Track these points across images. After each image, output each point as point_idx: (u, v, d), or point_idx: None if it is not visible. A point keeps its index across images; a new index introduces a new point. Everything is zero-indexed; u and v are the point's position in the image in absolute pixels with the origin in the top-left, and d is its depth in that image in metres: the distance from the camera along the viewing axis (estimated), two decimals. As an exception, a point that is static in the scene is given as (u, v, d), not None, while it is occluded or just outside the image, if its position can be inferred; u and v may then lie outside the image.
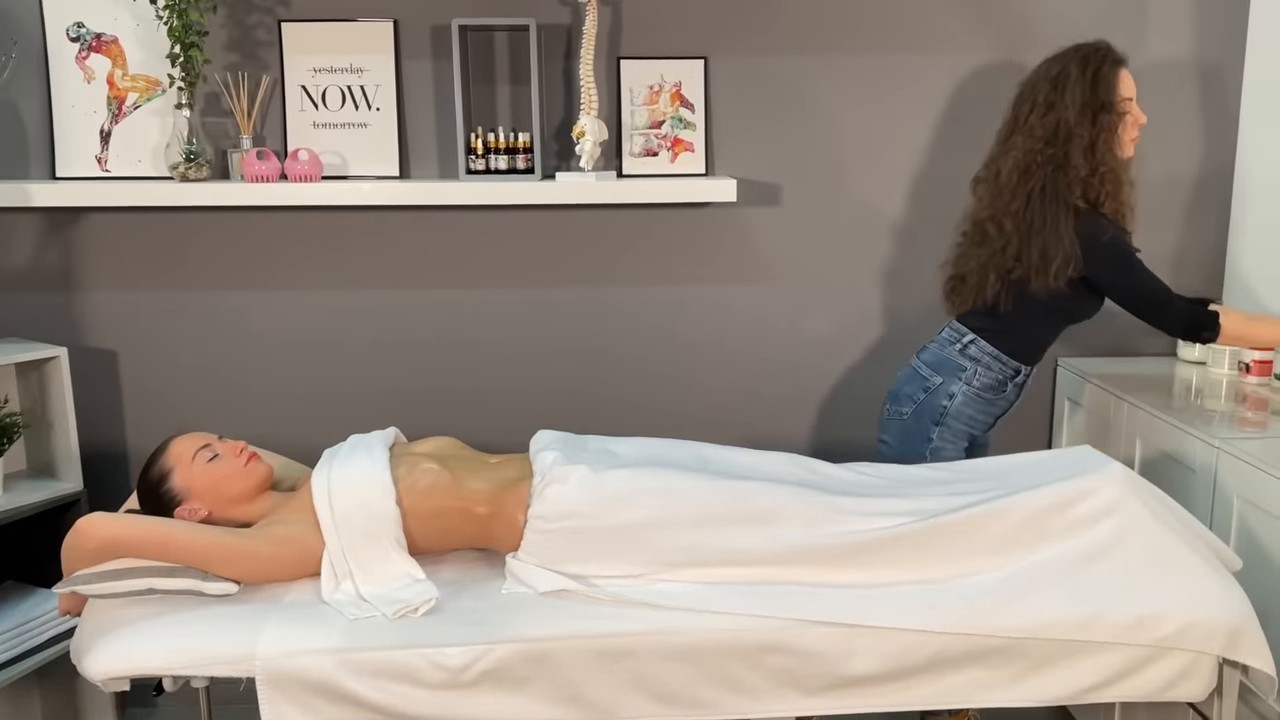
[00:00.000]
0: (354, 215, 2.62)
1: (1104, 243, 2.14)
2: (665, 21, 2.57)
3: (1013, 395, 2.32)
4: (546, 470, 1.86)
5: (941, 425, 2.26)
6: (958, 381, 2.26)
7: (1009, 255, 2.19)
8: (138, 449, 2.68)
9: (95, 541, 1.75)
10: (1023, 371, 2.29)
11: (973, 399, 2.26)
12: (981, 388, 2.26)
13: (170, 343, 2.65)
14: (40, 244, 2.59)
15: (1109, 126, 2.16)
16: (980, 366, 2.26)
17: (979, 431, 2.33)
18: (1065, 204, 2.14)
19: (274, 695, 1.63)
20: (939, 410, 2.26)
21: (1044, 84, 2.19)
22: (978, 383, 2.26)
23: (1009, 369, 2.27)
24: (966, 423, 2.27)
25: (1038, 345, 2.30)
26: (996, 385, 2.27)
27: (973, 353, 2.26)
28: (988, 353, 2.25)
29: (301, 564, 1.82)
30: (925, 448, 2.27)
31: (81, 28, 2.49)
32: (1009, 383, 2.28)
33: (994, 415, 2.33)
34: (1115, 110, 2.16)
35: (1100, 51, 2.18)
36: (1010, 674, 1.71)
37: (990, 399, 2.28)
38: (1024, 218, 2.17)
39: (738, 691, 1.70)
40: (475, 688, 1.66)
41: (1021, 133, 2.20)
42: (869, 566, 1.77)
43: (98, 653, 1.65)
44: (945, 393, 2.26)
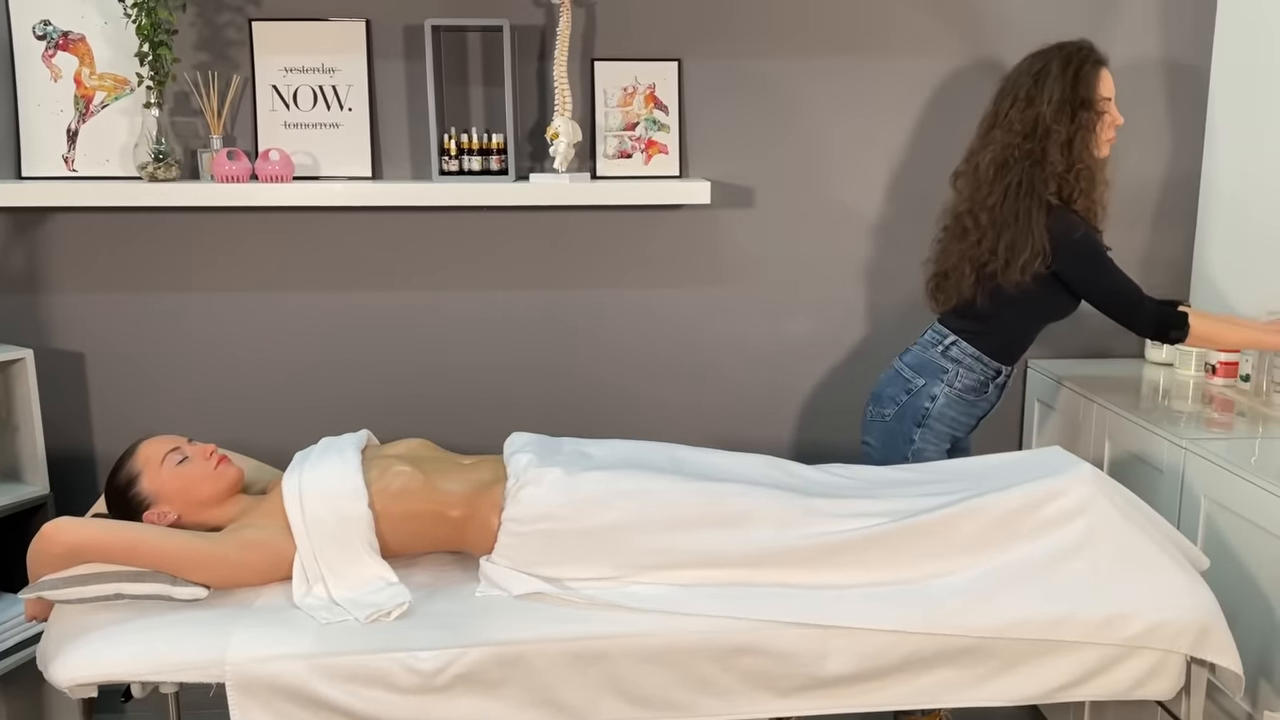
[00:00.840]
0: (326, 216, 2.60)
1: (1075, 239, 2.16)
2: (639, 23, 2.57)
3: (994, 396, 2.34)
4: (521, 472, 1.86)
5: (924, 427, 2.28)
6: (939, 383, 2.27)
7: (984, 249, 2.21)
8: (105, 452, 2.64)
9: (62, 546, 1.73)
10: (1003, 372, 2.31)
11: (955, 400, 2.28)
12: (963, 389, 2.28)
13: (139, 345, 2.61)
14: (5, 244, 2.55)
15: (1087, 124, 2.18)
16: (962, 368, 2.27)
17: (961, 433, 2.35)
18: (1039, 199, 2.16)
19: (245, 701, 1.62)
20: (921, 412, 2.27)
21: (1025, 79, 2.21)
22: (959, 384, 2.27)
23: (990, 370, 2.28)
24: (949, 424, 2.29)
25: (1016, 345, 2.31)
26: (978, 386, 2.29)
27: (954, 354, 2.28)
28: (969, 354, 2.27)
29: (272, 568, 1.80)
30: (908, 449, 2.28)
31: (48, 25, 2.46)
32: (990, 384, 2.30)
33: (976, 417, 2.35)
34: (1094, 109, 2.18)
35: (1083, 50, 2.21)
36: (981, 674, 1.72)
37: (972, 400, 2.30)
38: (999, 211, 2.19)
39: (711, 693, 1.70)
40: (449, 691, 1.65)
41: (1001, 127, 2.22)
42: (842, 567, 1.77)
43: (65, 659, 1.63)
44: (928, 394, 2.27)
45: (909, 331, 2.62)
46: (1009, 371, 2.33)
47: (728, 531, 1.79)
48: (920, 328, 2.45)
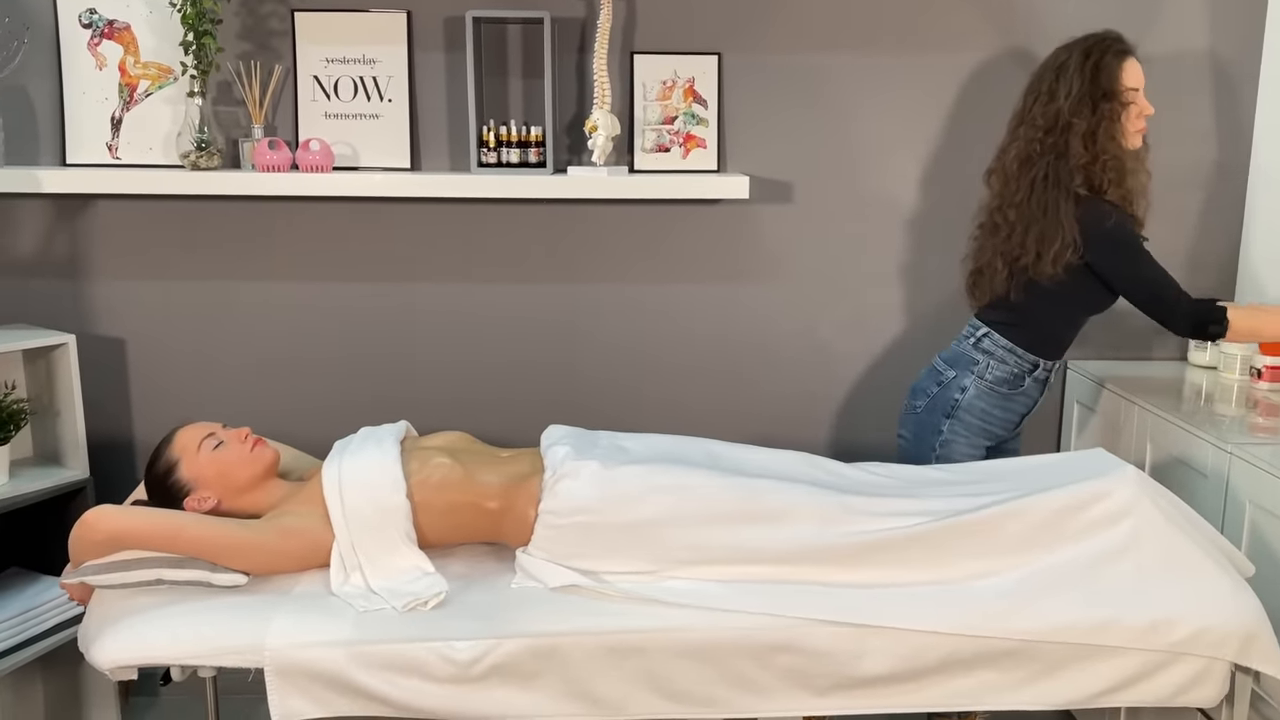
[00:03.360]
0: (364, 207, 2.61)
1: (1106, 229, 2.14)
2: (679, 17, 2.56)
3: (1034, 392, 2.30)
4: (558, 465, 1.86)
5: (953, 418, 2.25)
6: (970, 375, 2.25)
7: (1014, 243, 2.19)
8: (144, 438, 2.67)
9: (103, 534, 1.74)
10: (1041, 366, 2.27)
11: (985, 393, 2.25)
12: (995, 381, 2.25)
13: (178, 332, 2.64)
14: (50, 230, 2.58)
15: (1110, 115, 2.15)
16: (993, 360, 2.25)
17: (1001, 431, 2.31)
18: (1066, 190, 2.14)
19: (283, 686, 1.63)
20: (950, 403, 2.25)
21: (1048, 74, 2.21)
22: (990, 376, 2.25)
23: (1025, 363, 2.25)
24: (981, 417, 2.26)
25: (1053, 338, 2.28)
26: (1011, 380, 2.26)
27: (986, 346, 2.26)
28: (1001, 346, 2.25)
29: (311, 556, 1.81)
30: (935, 440, 2.26)
31: (94, 14, 2.48)
32: (1026, 377, 2.26)
33: (1016, 414, 2.31)
34: (1118, 99, 2.15)
35: (1106, 41, 2.18)
36: (1022, 677, 1.70)
37: (1005, 394, 2.26)
38: (1027, 206, 2.17)
39: (748, 690, 1.69)
40: (484, 682, 1.65)
41: (1026, 123, 2.21)
42: (881, 566, 1.76)
43: (106, 642, 1.65)
44: (958, 386, 2.25)
45: (947, 329, 2.60)
46: (1049, 366, 2.29)
47: (766, 528, 1.78)
48: (959, 325, 2.42)
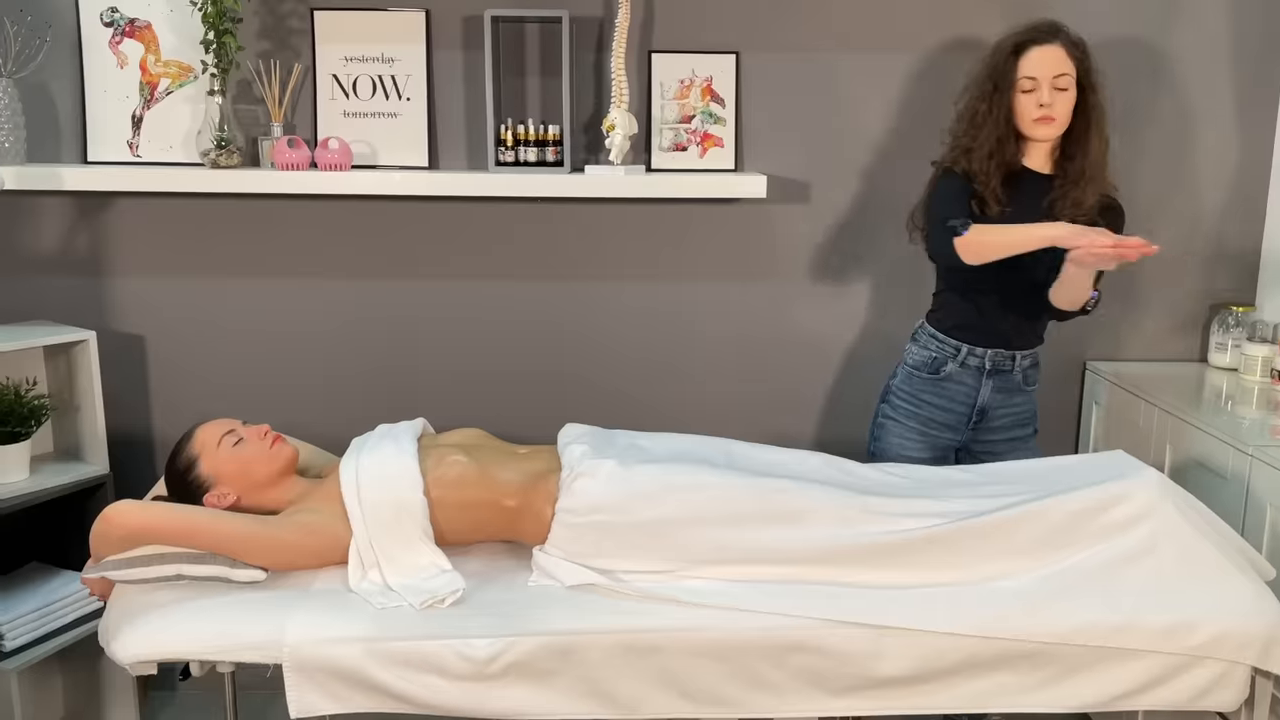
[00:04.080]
0: (383, 205, 2.62)
1: (928, 184, 2.23)
2: (697, 16, 2.56)
3: (967, 379, 2.24)
4: (575, 464, 1.86)
5: (885, 402, 2.34)
6: (902, 363, 2.33)
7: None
8: (163, 434, 2.69)
9: (123, 529, 1.76)
10: (966, 350, 2.23)
11: (909, 376, 2.30)
12: (915, 365, 2.29)
13: (198, 329, 2.65)
14: (71, 228, 2.60)
15: (1000, 103, 2.15)
16: (916, 345, 2.31)
17: (943, 419, 2.26)
18: (938, 167, 2.23)
19: (301, 682, 1.63)
20: (885, 389, 2.36)
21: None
22: (911, 360, 2.30)
23: (948, 348, 2.24)
24: (909, 401, 2.28)
25: (963, 317, 2.23)
26: (930, 363, 2.26)
27: (916, 332, 2.32)
28: (926, 331, 2.30)
29: (329, 552, 1.82)
30: (873, 424, 2.36)
31: (115, 12, 2.50)
32: (950, 362, 2.24)
33: (958, 403, 2.25)
34: (1013, 87, 2.13)
35: (1024, 29, 2.17)
36: (1040, 679, 1.69)
37: (930, 379, 2.26)
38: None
39: (764, 690, 1.69)
40: (501, 679, 1.66)
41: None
42: (899, 567, 1.75)
43: (126, 637, 1.66)
44: (892, 373, 2.35)
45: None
46: (978, 353, 2.22)
47: (783, 528, 1.78)
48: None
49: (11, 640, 2.32)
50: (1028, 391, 2.30)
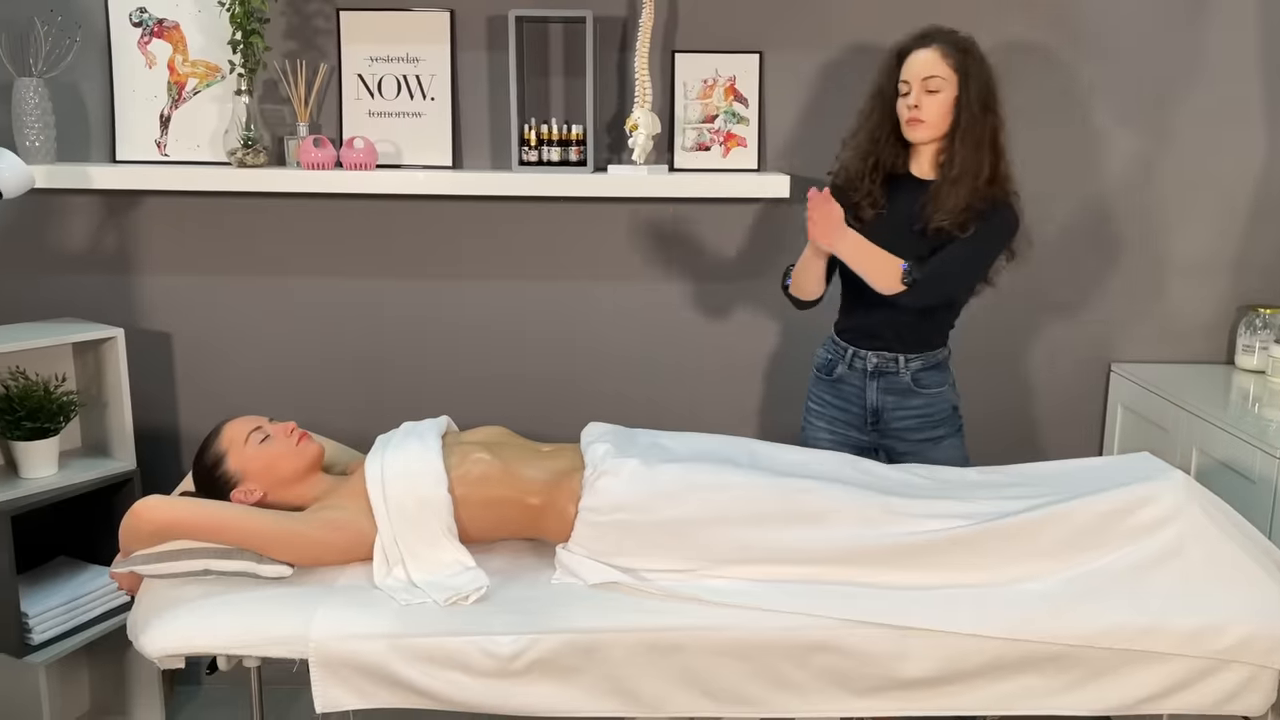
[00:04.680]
0: (407, 204, 2.63)
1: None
2: (720, 15, 2.56)
3: (855, 381, 2.25)
4: (598, 462, 1.86)
5: (806, 400, 2.37)
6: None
7: None
8: (189, 430, 2.71)
9: (152, 524, 1.77)
10: (851, 352, 2.25)
11: (813, 377, 2.35)
12: (816, 366, 2.34)
13: (224, 326, 2.68)
14: (99, 226, 2.63)
15: (880, 107, 2.17)
16: (821, 347, 2.35)
17: (843, 419, 2.27)
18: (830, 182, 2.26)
19: (326, 678, 1.64)
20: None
21: None
22: (814, 362, 2.36)
23: (839, 349, 2.28)
24: (816, 402, 2.33)
25: (849, 320, 2.29)
26: (824, 364, 2.31)
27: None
28: (829, 334, 2.34)
29: (354, 549, 1.83)
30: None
31: (144, 13, 2.52)
32: (839, 363, 2.27)
33: (852, 404, 2.26)
34: (896, 93, 2.14)
35: (913, 36, 2.18)
36: (1065, 682, 1.68)
37: (825, 380, 2.31)
38: None
39: (786, 690, 1.69)
40: (525, 676, 1.66)
41: None
42: (923, 568, 1.75)
43: (154, 631, 1.67)
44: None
45: (981, 332, 2.59)
46: (860, 354, 2.23)
47: (806, 528, 1.78)
48: (993, 328, 2.40)
49: (40, 634, 2.35)
50: (924, 394, 2.22)
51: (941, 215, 2.09)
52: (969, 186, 2.08)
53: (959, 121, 2.09)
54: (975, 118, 2.08)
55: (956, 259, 2.10)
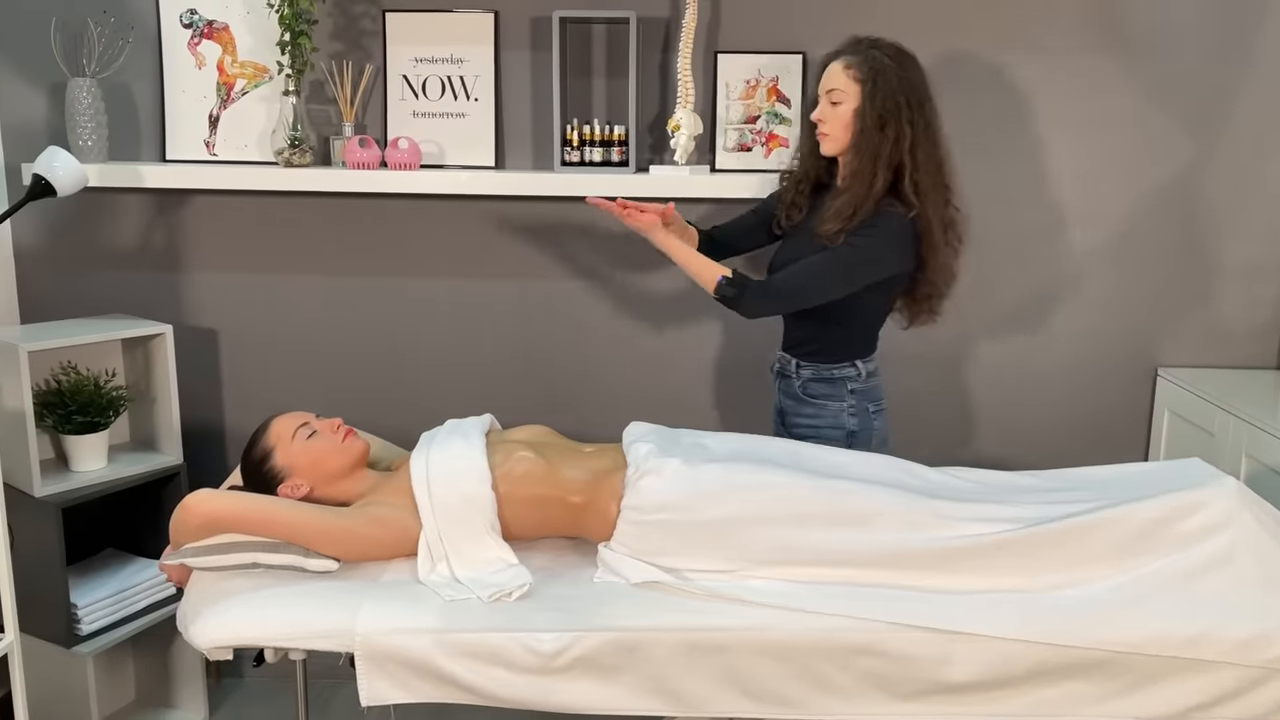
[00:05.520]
0: (450, 204, 2.65)
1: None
2: (764, 16, 2.55)
3: (774, 379, 2.36)
4: (641, 462, 1.87)
5: None
6: None
7: None
8: (234, 425, 2.75)
9: (202, 518, 1.80)
10: (776, 351, 2.36)
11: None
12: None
13: (269, 323, 2.71)
14: (149, 224, 2.67)
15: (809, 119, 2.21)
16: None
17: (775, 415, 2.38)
18: None
19: (372, 671, 1.66)
20: None
21: None
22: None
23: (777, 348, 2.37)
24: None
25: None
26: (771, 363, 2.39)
27: None
28: None
29: (398, 544, 1.85)
30: None
31: (194, 14, 2.56)
32: (775, 362, 2.37)
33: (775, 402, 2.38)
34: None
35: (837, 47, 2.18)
36: (1112, 689, 1.66)
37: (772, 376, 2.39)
38: None
39: (828, 692, 1.68)
40: (567, 674, 1.67)
41: None
42: (969, 573, 1.74)
43: (204, 622, 1.70)
44: None
45: (1012, 335, 2.58)
46: (777, 356, 2.34)
47: (850, 530, 1.77)
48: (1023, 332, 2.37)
49: (88, 624, 2.39)
50: (813, 404, 2.22)
51: (823, 224, 2.11)
52: (856, 198, 2.08)
53: (852, 133, 2.10)
54: (869, 130, 2.07)
55: (806, 270, 2.12)
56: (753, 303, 2.12)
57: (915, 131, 2.07)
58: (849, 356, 2.21)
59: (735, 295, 2.11)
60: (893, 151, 2.07)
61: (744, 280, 2.11)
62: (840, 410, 2.21)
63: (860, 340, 2.23)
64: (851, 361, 2.21)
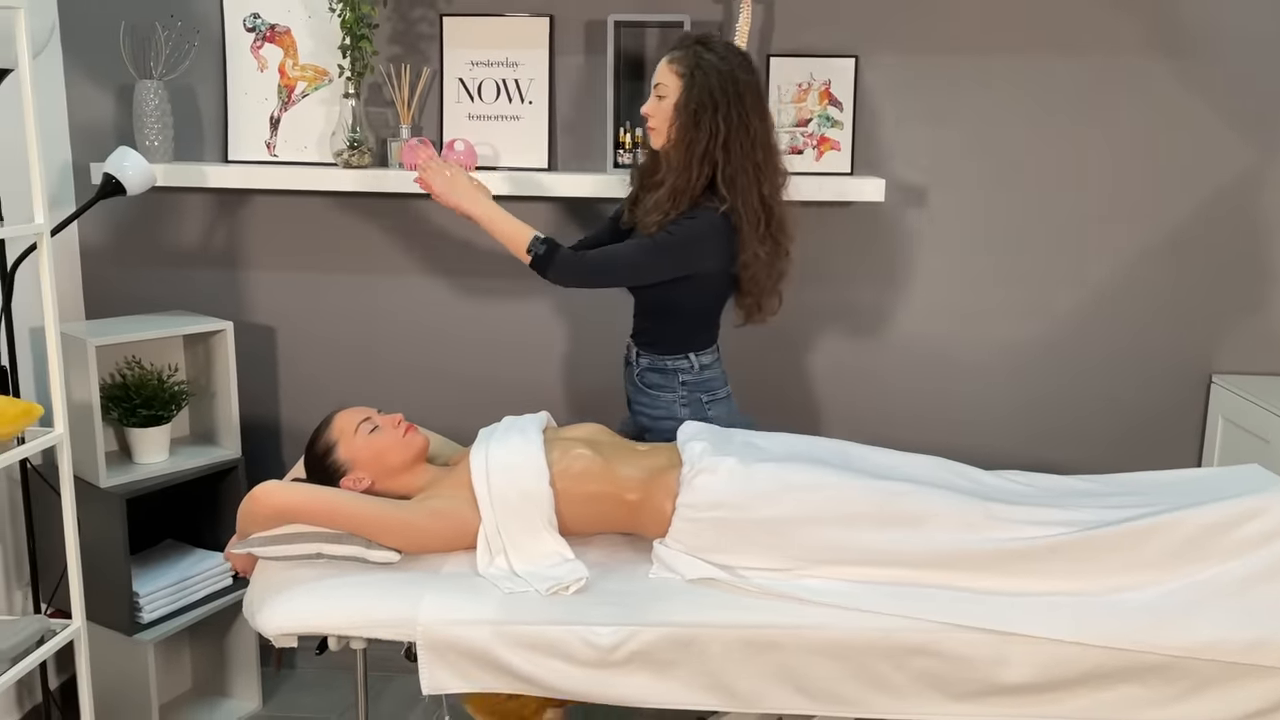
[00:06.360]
0: (504, 205, 2.67)
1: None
2: (817, 19, 2.57)
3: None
4: (696, 460, 1.89)
5: None
6: None
7: None
8: (290, 421, 2.81)
9: (270, 508, 1.84)
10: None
11: None
12: None
13: (325, 321, 2.76)
14: (212, 223, 2.74)
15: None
16: None
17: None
18: None
19: (433, 660, 1.69)
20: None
21: None
22: None
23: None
24: None
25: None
26: None
27: None
28: None
29: (458, 537, 1.88)
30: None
31: (257, 18, 2.62)
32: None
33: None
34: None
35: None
36: (1169, 694, 1.66)
37: None
38: None
39: (883, 691, 1.69)
40: (624, 667, 1.69)
41: None
42: (1025, 575, 1.74)
43: (271, 610, 1.74)
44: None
45: (1074, 337, 2.56)
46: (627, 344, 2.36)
47: (905, 531, 1.78)
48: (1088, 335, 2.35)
49: (150, 612, 2.45)
50: (649, 394, 2.27)
51: (645, 215, 2.15)
52: (674, 190, 2.11)
53: (675, 127, 2.12)
54: (686, 125, 2.09)
55: (618, 251, 2.17)
56: (560, 269, 2.13)
57: (729, 128, 2.09)
58: (683, 349, 2.24)
59: (545, 256, 2.13)
60: (708, 146, 2.09)
61: (555, 245, 2.14)
62: (673, 401, 2.25)
63: (693, 333, 2.26)
64: (685, 354, 2.24)
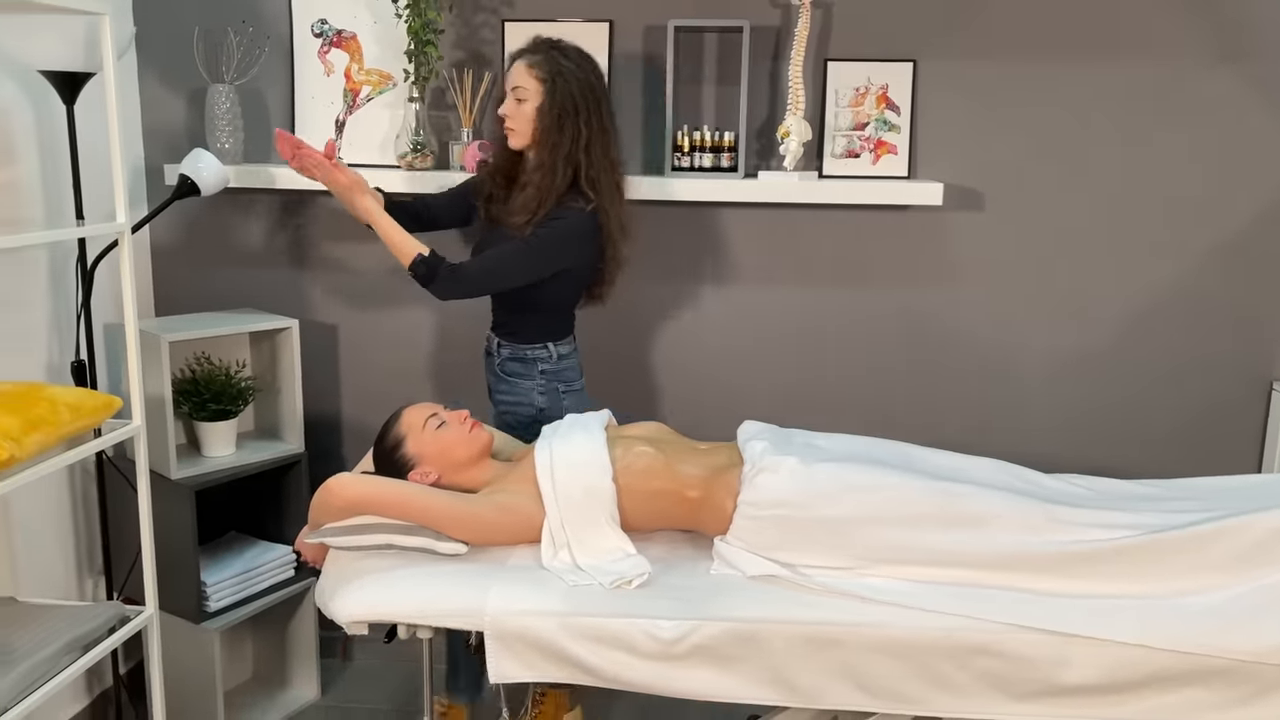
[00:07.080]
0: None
1: None
2: (875, 24, 2.59)
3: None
4: (757, 459, 1.91)
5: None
6: None
7: None
8: (351, 417, 2.87)
9: (344, 500, 1.90)
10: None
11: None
12: None
13: (385, 320, 2.82)
14: (278, 223, 2.80)
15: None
16: None
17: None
18: None
19: (500, 650, 1.73)
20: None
21: None
22: None
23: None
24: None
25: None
26: None
27: None
28: None
29: (523, 531, 1.92)
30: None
31: (325, 24, 2.69)
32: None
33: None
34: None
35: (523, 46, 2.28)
36: (1232, 697, 1.65)
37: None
38: None
39: (945, 690, 1.71)
40: (686, 661, 1.72)
41: None
42: (1087, 577, 1.74)
43: (344, 599, 1.79)
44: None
45: (1129, 339, 2.54)
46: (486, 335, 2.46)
47: (967, 532, 1.79)
48: (1144, 339, 2.34)
49: (216, 601, 2.51)
50: (509, 381, 2.37)
51: (512, 216, 2.25)
52: (540, 191, 2.21)
53: (538, 130, 2.19)
54: (550, 128, 2.20)
55: (494, 258, 2.24)
56: (443, 284, 2.21)
57: (591, 131, 2.22)
58: (542, 339, 2.34)
59: (428, 274, 2.20)
60: (571, 149, 2.20)
61: (438, 261, 2.20)
62: (531, 389, 2.35)
63: (552, 323, 2.36)
64: (544, 344, 2.33)
